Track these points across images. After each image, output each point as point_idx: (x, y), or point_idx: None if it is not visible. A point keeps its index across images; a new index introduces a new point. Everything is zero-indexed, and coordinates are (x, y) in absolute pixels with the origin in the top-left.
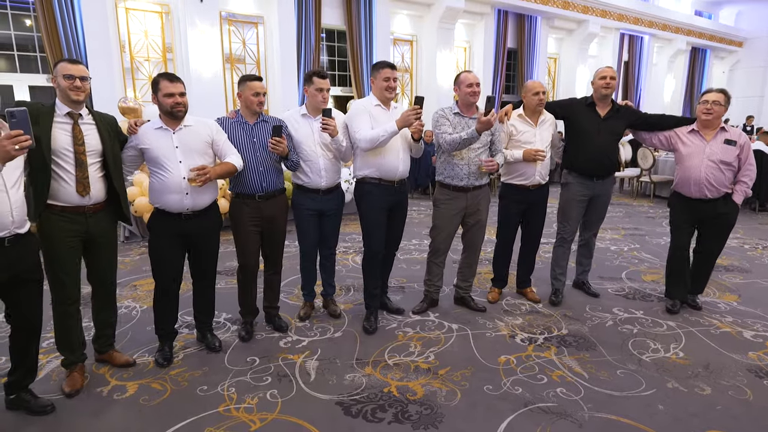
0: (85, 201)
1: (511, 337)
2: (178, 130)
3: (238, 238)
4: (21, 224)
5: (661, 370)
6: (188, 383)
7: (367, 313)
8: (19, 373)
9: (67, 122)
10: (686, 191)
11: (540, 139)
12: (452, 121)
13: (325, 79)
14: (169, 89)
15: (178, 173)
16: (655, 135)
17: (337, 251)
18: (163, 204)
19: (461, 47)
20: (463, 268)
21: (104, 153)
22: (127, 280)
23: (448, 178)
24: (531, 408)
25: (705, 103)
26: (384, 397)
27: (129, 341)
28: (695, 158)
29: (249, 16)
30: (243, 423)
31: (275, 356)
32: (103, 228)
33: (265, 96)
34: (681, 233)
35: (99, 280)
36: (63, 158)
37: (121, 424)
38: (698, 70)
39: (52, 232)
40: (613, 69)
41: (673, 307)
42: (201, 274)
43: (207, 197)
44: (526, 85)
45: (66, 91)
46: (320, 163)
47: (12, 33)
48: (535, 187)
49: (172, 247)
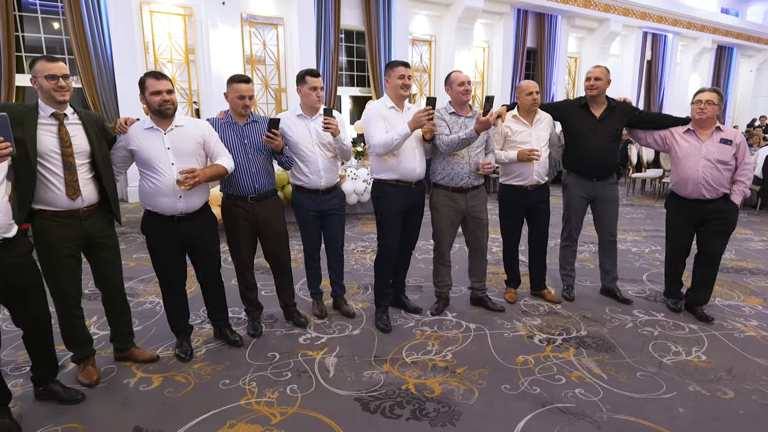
0: (78, 204)
1: (529, 337)
2: (170, 131)
3: (232, 238)
4: (7, 229)
5: (682, 373)
6: (211, 377)
7: (379, 311)
8: (42, 369)
9: (53, 123)
10: (683, 192)
11: (536, 138)
12: (448, 120)
13: (318, 78)
14: (155, 87)
15: (170, 176)
16: (650, 134)
17: (355, 251)
18: (155, 207)
19: (480, 47)
20: (473, 268)
21: (93, 153)
22: (150, 276)
23: (446, 178)
24: (549, 408)
25: (698, 103)
26: (402, 395)
27: (153, 336)
28: (692, 158)
29: (269, 17)
30: (264, 416)
31: (295, 352)
32: (100, 229)
33: (251, 99)
34: (678, 235)
35: (106, 283)
36: (50, 161)
37: (148, 414)
38: (724, 69)
39: (48, 238)
40: (601, 69)
41: (675, 305)
42: (206, 275)
43: (199, 199)
44: (520, 86)
45: (50, 92)
46: (319, 162)
47: (42, 36)
48: (533, 187)
49: (168, 249)
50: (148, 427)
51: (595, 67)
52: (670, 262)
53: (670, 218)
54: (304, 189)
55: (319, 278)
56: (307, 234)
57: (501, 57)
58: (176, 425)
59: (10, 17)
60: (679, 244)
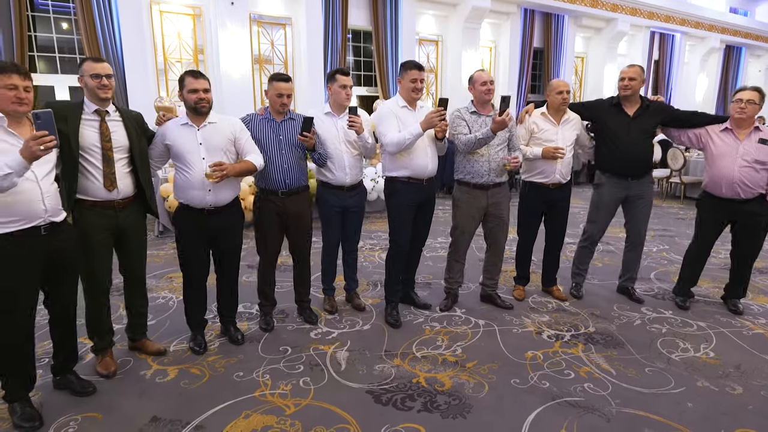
0: (114, 195)
1: (537, 333)
2: (203, 127)
3: (261, 231)
4: (55, 213)
5: (691, 369)
6: (225, 369)
7: (389, 307)
8: (62, 357)
9: (95, 119)
10: (717, 191)
11: (562, 137)
12: (469, 120)
13: (348, 77)
14: (193, 85)
15: (201, 170)
16: (685, 132)
17: (364, 248)
18: (186, 199)
19: (487, 47)
20: (489, 266)
21: (131, 149)
22: (163, 273)
23: (468, 175)
24: (558, 402)
25: (739, 102)
26: (413, 388)
27: (167, 329)
28: (728, 158)
29: (277, 17)
30: (278, 407)
31: (306, 346)
32: (133, 221)
33: (289, 98)
34: (707, 233)
35: (131, 271)
36: (91, 154)
37: (165, 404)
38: (732, 69)
39: (85, 225)
40: (635, 69)
41: (683, 303)
42: (224, 270)
43: (229, 194)
44: (551, 84)
45: (94, 90)
46: (345, 160)
47: (54, 36)
48: (555, 185)
49: (197, 241)
50: (166, 417)
51: (629, 67)
52: (693, 261)
53: (701, 217)
54: (330, 185)
55: (335, 274)
56: (328, 229)
57: (508, 57)
58: (193, 415)
59: (23, 17)
60: (706, 244)
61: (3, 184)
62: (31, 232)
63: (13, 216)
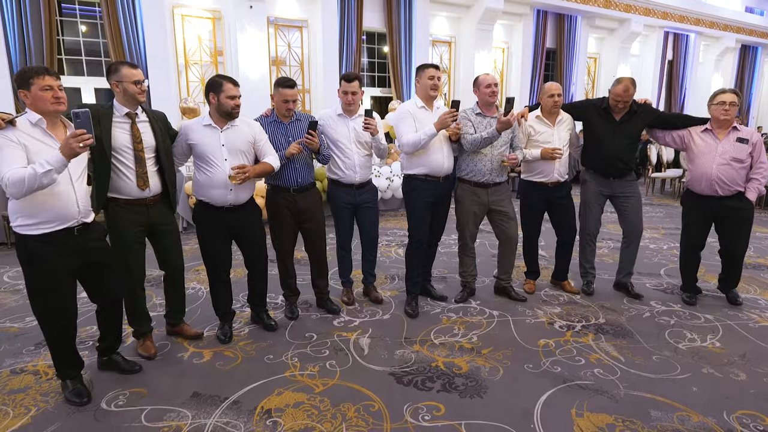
0: (145, 193)
1: (549, 323)
2: (226, 129)
3: (275, 227)
4: (86, 214)
5: (697, 357)
6: (255, 353)
7: (408, 298)
8: (108, 341)
9: (126, 122)
10: (698, 188)
11: (558, 138)
12: (474, 121)
13: (351, 82)
14: (232, 92)
15: (223, 170)
16: (669, 134)
17: (381, 245)
18: (207, 197)
19: (499, 48)
20: (501, 261)
21: (157, 148)
22: (190, 266)
23: (470, 174)
24: (569, 384)
25: (722, 104)
26: (432, 371)
27: (199, 317)
28: (707, 156)
29: (294, 20)
30: (308, 386)
31: (331, 333)
32: (163, 217)
33: (294, 103)
34: (693, 230)
35: (168, 264)
36: (123, 155)
37: (204, 381)
38: (748, 69)
39: (119, 223)
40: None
41: (690, 299)
42: (252, 263)
43: (248, 193)
44: (543, 87)
45: (134, 96)
46: (355, 159)
47: (80, 39)
48: (554, 184)
49: (217, 237)
50: (206, 393)
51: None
52: (685, 257)
53: (685, 214)
54: (340, 183)
55: (350, 267)
56: (340, 224)
57: (520, 58)
58: (230, 392)
59: (52, 22)
60: (693, 240)
61: (44, 180)
62: (66, 233)
63: (49, 217)
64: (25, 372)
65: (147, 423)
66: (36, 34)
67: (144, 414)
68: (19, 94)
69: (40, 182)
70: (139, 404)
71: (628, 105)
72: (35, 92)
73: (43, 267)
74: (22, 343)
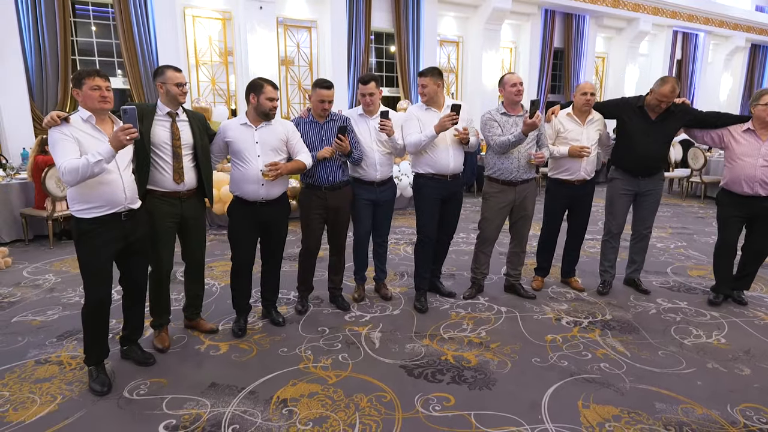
0: (180, 187)
1: (557, 320)
2: (260, 128)
3: (304, 222)
4: (133, 201)
5: (702, 353)
6: (270, 346)
7: (418, 294)
8: (129, 329)
9: (167, 120)
10: (738, 189)
11: (587, 137)
12: (500, 121)
13: (367, 84)
14: (272, 94)
15: (256, 166)
16: (708, 133)
17: (390, 242)
18: (241, 192)
19: (507, 48)
20: (512, 258)
21: (195, 146)
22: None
23: (497, 172)
24: (576, 378)
25: (767, 106)
26: (441, 364)
27: (214, 311)
28: (749, 157)
29: (303, 21)
30: (321, 377)
31: (342, 328)
32: (195, 211)
33: (330, 103)
34: (729, 229)
35: (191, 257)
36: (162, 150)
37: (221, 372)
38: (759, 68)
39: (155, 213)
40: (673, 85)
41: (715, 299)
42: (270, 256)
43: (279, 189)
44: (578, 86)
45: (176, 97)
46: (375, 157)
47: (94, 40)
48: (580, 182)
49: (248, 231)
50: (223, 383)
51: (667, 85)
52: (720, 257)
53: (722, 215)
54: (362, 181)
55: (366, 264)
56: (359, 221)
57: (528, 57)
58: (247, 382)
59: (66, 23)
60: (729, 239)
61: (95, 169)
62: (114, 217)
63: (101, 202)
64: (49, 362)
65: (168, 411)
66: (51, 35)
67: (165, 402)
68: (72, 92)
69: (92, 171)
70: (160, 393)
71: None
72: (86, 91)
73: (91, 243)
74: (45, 335)
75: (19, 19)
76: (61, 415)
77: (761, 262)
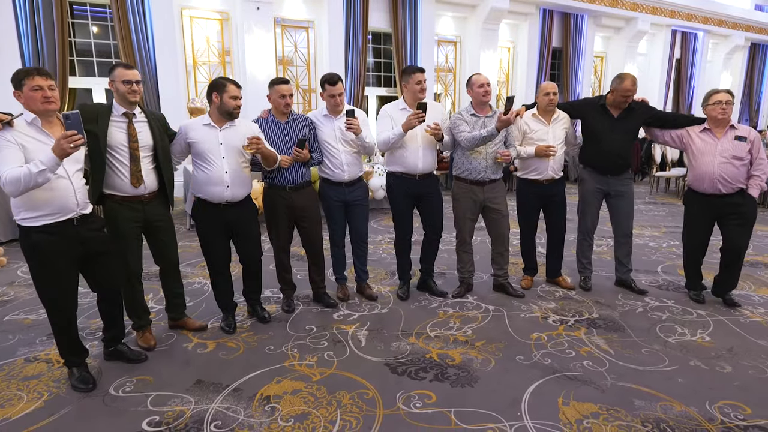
0: (141, 191)
1: (543, 318)
2: (224, 129)
3: (272, 223)
4: (84, 206)
5: (685, 351)
6: (257, 344)
7: (401, 283)
8: (111, 332)
9: (123, 121)
10: (700, 187)
11: (553, 136)
12: (469, 121)
13: (335, 85)
14: (236, 93)
15: (220, 167)
16: (667, 133)
17: (383, 242)
18: (205, 194)
19: (505, 47)
20: (496, 258)
21: (155, 147)
22: (196, 261)
23: (465, 172)
24: (558, 375)
25: (719, 104)
26: (426, 362)
27: (203, 311)
28: (708, 155)
29: (300, 21)
30: (306, 375)
31: (330, 326)
32: (159, 213)
33: (291, 98)
34: (696, 229)
35: (163, 258)
36: (119, 153)
37: (207, 370)
38: (758, 67)
39: (116, 218)
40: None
41: (697, 297)
42: (247, 258)
43: (244, 190)
44: (540, 86)
45: (125, 95)
46: (342, 158)
47: (92, 41)
48: (549, 181)
49: (215, 232)
50: (208, 380)
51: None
52: (689, 255)
53: (688, 213)
54: (330, 181)
55: (344, 264)
56: (332, 221)
57: (526, 57)
58: (231, 379)
59: (64, 24)
60: (697, 238)
61: (38, 179)
62: (66, 223)
63: (51, 209)
64: (38, 360)
65: (152, 407)
66: (48, 35)
67: (149, 399)
68: (14, 95)
69: (35, 181)
70: (145, 390)
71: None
72: (26, 92)
73: (44, 255)
74: (35, 334)
75: (17, 20)
76: (47, 412)
77: (740, 259)
